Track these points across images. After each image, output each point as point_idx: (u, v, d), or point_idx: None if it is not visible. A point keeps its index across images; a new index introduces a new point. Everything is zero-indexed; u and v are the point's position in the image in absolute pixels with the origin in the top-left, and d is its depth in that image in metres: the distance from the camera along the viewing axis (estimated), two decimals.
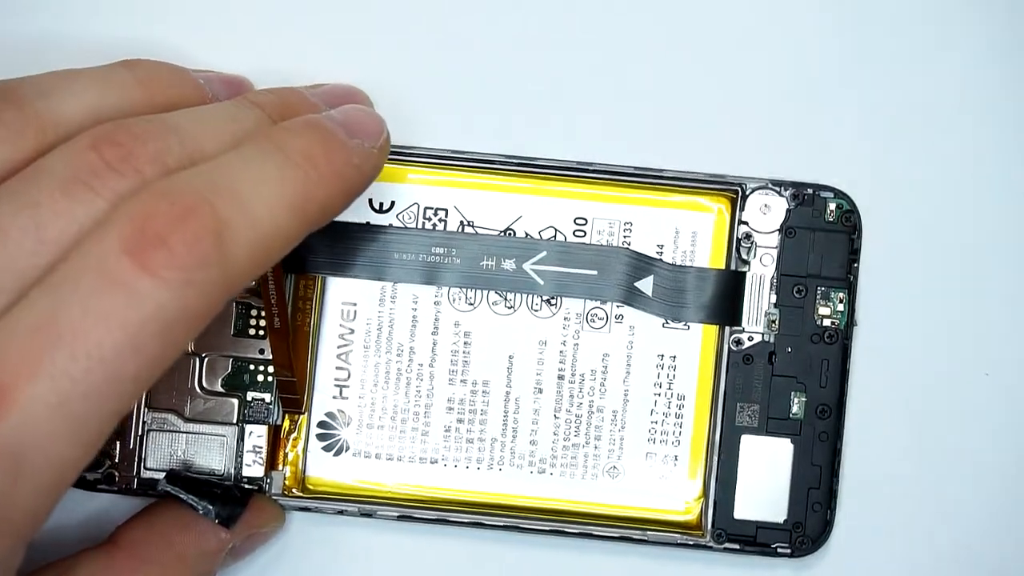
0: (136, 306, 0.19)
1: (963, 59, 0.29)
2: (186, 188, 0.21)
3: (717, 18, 0.29)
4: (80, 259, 0.20)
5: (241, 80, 0.28)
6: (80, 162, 0.21)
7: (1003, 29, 0.29)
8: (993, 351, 0.29)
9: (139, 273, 0.19)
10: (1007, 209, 0.29)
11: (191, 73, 0.26)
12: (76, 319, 0.19)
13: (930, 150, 0.29)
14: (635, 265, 0.29)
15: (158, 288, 0.20)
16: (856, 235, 0.29)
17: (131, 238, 0.20)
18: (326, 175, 0.23)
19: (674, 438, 0.29)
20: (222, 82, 0.27)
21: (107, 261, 0.20)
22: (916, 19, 0.29)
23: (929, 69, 0.29)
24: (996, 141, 0.29)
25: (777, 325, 0.29)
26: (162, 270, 0.20)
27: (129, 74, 0.24)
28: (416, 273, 0.29)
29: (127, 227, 0.20)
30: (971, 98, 0.29)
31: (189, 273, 0.20)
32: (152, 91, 0.24)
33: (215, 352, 0.29)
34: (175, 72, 0.25)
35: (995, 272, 0.29)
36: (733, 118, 0.29)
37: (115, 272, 0.19)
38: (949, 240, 0.29)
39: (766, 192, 0.29)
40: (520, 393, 0.29)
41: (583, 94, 0.29)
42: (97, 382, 0.19)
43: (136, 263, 0.20)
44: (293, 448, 0.29)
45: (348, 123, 0.24)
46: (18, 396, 0.19)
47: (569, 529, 0.28)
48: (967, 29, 0.29)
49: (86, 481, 0.28)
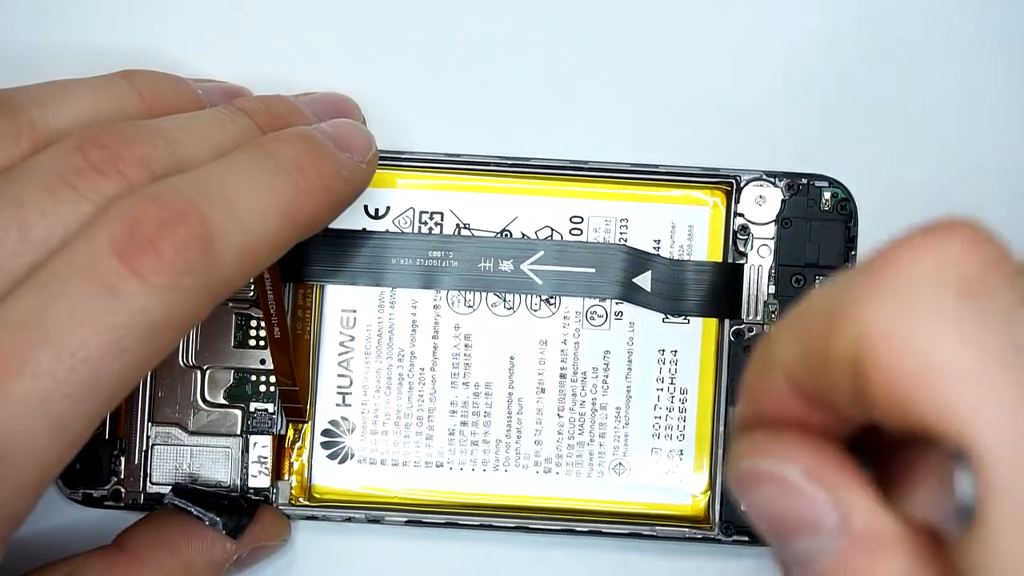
0: (123, 309, 0.19)
1: (956, 44, 0.29)
2: (176, 193, 0.21)
3: (706, 12, 0.29)
4: (68, 259, 0.20)
5: (240, 90, 0.28)
6: (65, 163, 0.21)
7: (996, 16, 0.29)
8: None
9: (127, 276, 0.20)
10: (1001, 191, 0.29)
11: (190, 83, 0.26)
12: (62, 319, 0.19)
13: (923, 135, 0.29)
14: (633, 261, 0.29)
15: (146, 292, 0.20)
16: (852, 223, 0.29)
17: (120, 240, 0.20)
18: (315, 185, 0.23)
19: (679, 432, 0.29)
20: (221, 92, 0.27)
21: (96, 262, 0.20)
22: (908, 8, 0.29)
23: (921, 56, 0.29)
24: (991, 124, 0.29)
25: (777, 316, 0.29)
26: (150, 274, 0.20)
27: (128, 84, 0.24)
28: (414, 277, 0.29)
29: (117, 229, 0.20)
30: (964, 83, 0.29)
31: (177, 278, 0.20)
32: (150, 101, 0.24)
33: (217, 364, 0.29)
34: (174, 82, 0.25)
35: None
36: (726, 111, 0.29)
37: (103, 274, 0.19)
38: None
39: (761, 183, 0.29)
40: (523, 393, 0.29)
41: (574, 92, 0.29)
42: (81, 382, 0.19)
43: (125, 266, 0.20)
44: (298, 457, 0.29)
45: (338, 136, 0.25)
46: (1, 394, 0.19)
47: (578, 528, 0.28)
48: (960, 15, 0.29)
49: (92, 498, 0.28)
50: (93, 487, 0.29)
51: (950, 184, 0.29)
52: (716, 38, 0.29)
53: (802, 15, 0.29)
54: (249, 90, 0.28)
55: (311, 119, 0.26)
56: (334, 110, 0.28)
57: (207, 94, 0.26)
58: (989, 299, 0.15)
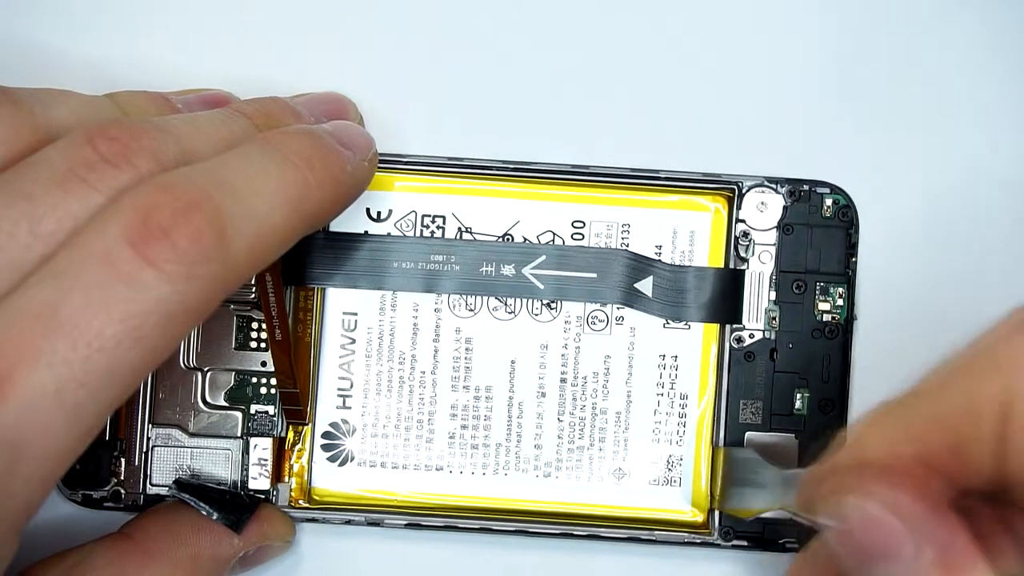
0: (138, 297, 0.20)
1: (956, 51, 0.29)
2: (188, 183, 0.21)
3: (708, 18, 0.29)
4: (82, 249, 0.20)
5: (219, 96, 0.28)
6: (76, 156, 0.21)
7: (997, 19, 0.29)
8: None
9: (142, 264, 0.20)
10: (1002, 198, 0.29)
11: (170, 98, 0.26)
12: (78, 309, 0.19)
13: (924, 142, 0.29)
14: (634, 266, 0.29)
15: (160, 280, 0.20)
16: (853, 230, 0.29)
17: (134, 230, 0.20)
18: (322, 178, 0.23)
19: (678, 437, 0.29)
20: (202, 102, 0.27)
21: (110, 252, 0.20)
22: (909, 13, 0.29)
23: (922, 62, 0.29)
24: (991, 131, 0.29)
25: (777, 322, 0.29)
26: (165, 263, 0.20)
27: (112, 103, 0.24)
28: (416, 281, 0.29)
29: (130, 219, 0.20)
30: (965, 89, 0.29)
31: (191, 267, 0.20)
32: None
33: (217, 366, 0.29)
34: (153, 99, 0.25)
35: (992, 260, 0.29)
36: (728, 117, 0.29)
37: (118, 262, 0.19)
38: (945, 230, 0.29)
39: (762, 190, 0.29)
40: (523, 398, 0.29)
41: (577, 97, 0.29)
42: (96, 372, 0.19)
43: (139, 255, 0.20)
44: (298, 459, 0.29)
45: (339, 135, 0.25)
46: (16, 384, 0.19)
47: (577, 532, 0.28)
48: (960, 19, 0.29)
49: (92, 499, 0.28)
50: (93, 488, 0.28)
51: (951, 191, 0.29)
52: (718, 44, 0.29)
53: (804, 21, 0.29)
54: (233, 95, 0.28)
55: (308, 120, 0.26)
56: (330, 110, 0.28)
57: (187, 106, 0.26)
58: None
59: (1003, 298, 0.29)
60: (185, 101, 0.26)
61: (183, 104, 0.26)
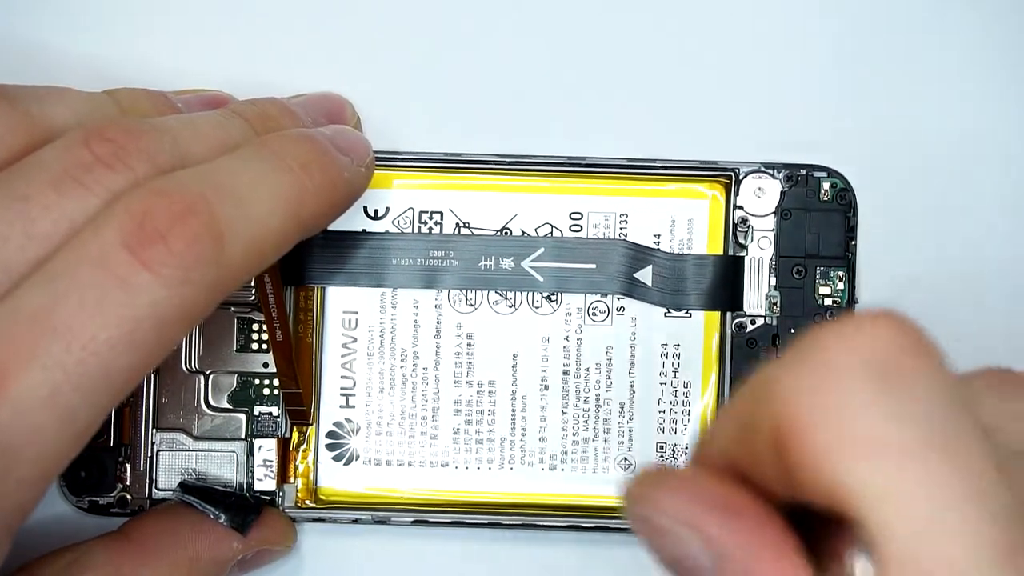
0: (133, 301, 0.19)
1: (953, 33, 0.29)
2: (185, 186, 0.21)
3: (702, 5, 0.29)
4: (77, 252, 0.20)
5: (218, 96, 0.28)
6: (72, 157, 0.21)
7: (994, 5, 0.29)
8: (992, 321, 0.29)
9: (137, 268, 0.20)
10: (1001, 178, 0.29)
11: (170, 96, 0.26)
12: (72, 311, 0.19)
13: (921, 124, 0.29)
14: (633, 256, 0.29)
15: (155, 284, 0.20)
16: (852, 213, 0.29)
17: (130, 233, 0.20)
18: (319, 183, 0.23)
19: (683, 426, 0.29)
20: (201, 102, 0.27)
21: (105, 255, 0.20)
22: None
23: (920, 45, 0.29)
24: (990, 113, 0.29)
25: (779, 307, 0.29)
26: (160, 267, 0.20)
27: (111, 99, 0.24)
28: (415, 277, 0.29)
29: (126, 222, 0.20)
30: (962, 71, 0.29)
31: (187, 271, 0.20)
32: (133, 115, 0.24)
33: (220, 369, 0.29)
34: (153, 97, 0.25)
35: (991, 242, 0.29)
36: (723, 103, 0.29)
37: (113, 266, 0.19)
38: (944, 211, 0.29)
39: (759, 175, 0.29)
40: (526, 391, 0.29)
41: (572, 89, 0.29)
42: (90, 375, 0.19)
43: (135, 258, 0.20)
44: (303, 460, 0.29)
45: (338, 140, 0.25)
46: (10, 387, 0.19)
47: (584, 523, 0.28)
48: (959, 4, 0.29)
49: (98, 506, 0.28)
50: (99, 494, 0.28)
51: (948, 172, 0.29)
52: (712, 31, 0.29)
53: (799, 6, 0.29)
54: (231, 95, 0.28)
55: (305, 121, 0.26)
56: (328, 110, 0.28)
57: (186, 105, 0.26)
58: (900, 383, 0.15)
59: (1001, 276, 0.29)
60: (184, 101, 0.26)
61: (182, 104, 0.26)
